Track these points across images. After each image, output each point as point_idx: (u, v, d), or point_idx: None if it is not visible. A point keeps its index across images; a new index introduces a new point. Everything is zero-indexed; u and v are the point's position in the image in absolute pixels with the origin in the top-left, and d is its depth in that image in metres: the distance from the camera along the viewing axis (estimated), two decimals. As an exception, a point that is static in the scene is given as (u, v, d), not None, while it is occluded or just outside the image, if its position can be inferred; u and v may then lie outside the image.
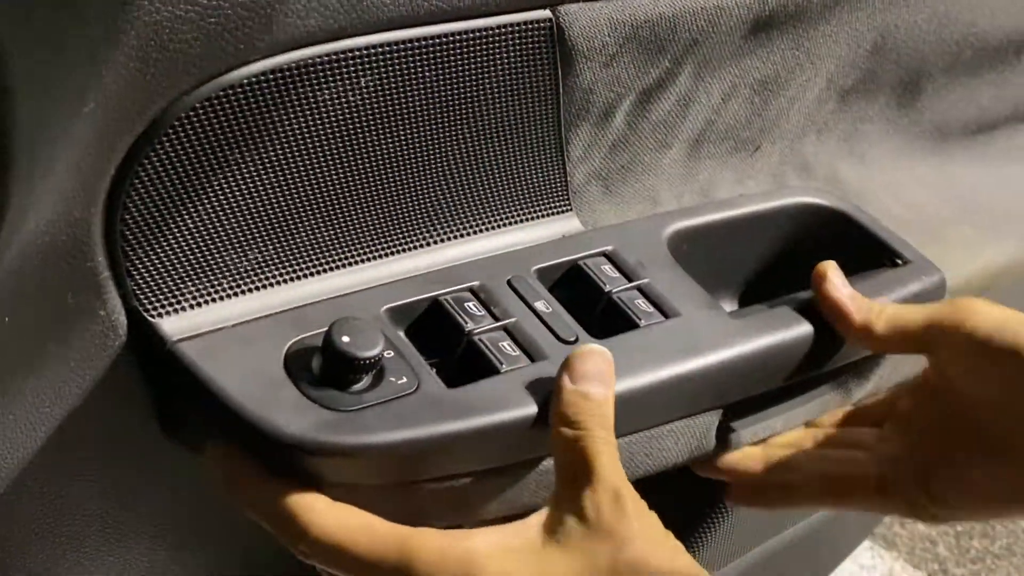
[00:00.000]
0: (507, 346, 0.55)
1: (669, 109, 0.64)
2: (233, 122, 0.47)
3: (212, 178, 0.49)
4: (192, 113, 0.46)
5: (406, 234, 0.57)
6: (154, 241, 0.49)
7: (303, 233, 0.53)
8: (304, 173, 0.52)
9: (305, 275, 0.54)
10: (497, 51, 0.54)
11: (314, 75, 0.49)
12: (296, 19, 0.45)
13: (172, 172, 0.47)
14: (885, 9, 0.69)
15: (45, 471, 0.51)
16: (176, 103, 0.45)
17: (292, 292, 0.54)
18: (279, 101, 0.48)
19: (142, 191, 0.47)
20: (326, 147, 0.51)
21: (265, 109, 0.48)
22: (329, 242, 0.54)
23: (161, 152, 0.46)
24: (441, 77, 0.53)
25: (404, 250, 0.57)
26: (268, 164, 0.50)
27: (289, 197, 0.52)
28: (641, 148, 0.65)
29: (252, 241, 0.52)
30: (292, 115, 0.49)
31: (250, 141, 0.49)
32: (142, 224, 0.48)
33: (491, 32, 0.53)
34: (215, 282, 0.51)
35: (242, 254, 0.52)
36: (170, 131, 0.46)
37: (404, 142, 0.54)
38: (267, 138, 0.49)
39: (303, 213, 0.53)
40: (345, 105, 0.51)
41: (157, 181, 0.47)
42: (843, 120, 0.74)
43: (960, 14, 0.74)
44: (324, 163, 0.52)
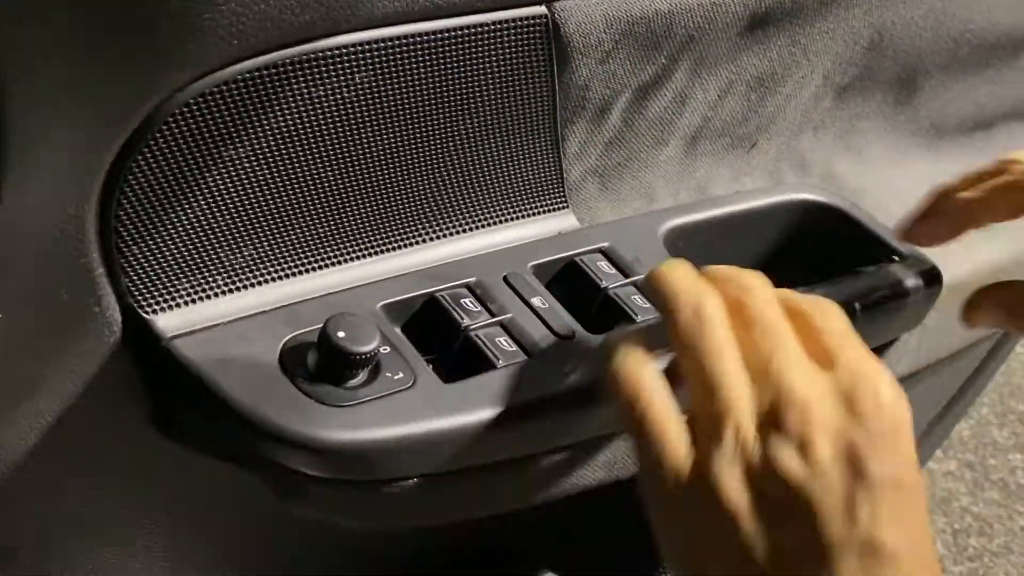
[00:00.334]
0: (503, 342, 0.55)
1: (665, 106, 0.64)
2: (228, 118, 0.47)
3: (207, 174, 0.49)
4: (186, 109, 0.46)
5: (402, 230, 0.57)
6: (149, 237, 0.49)
7: (299, 229, 0.53)
8: (299, 169, 0.52)
9: (301, 271, 0.54)
10: (492, 47, 0.54)
11: (308, 71, 0.49)
12: (291, 15, 0.45)
13: (166, 168, 0.47)
14: (882, 6, 0.69)
15: (40, 468, 0.51)
16: (170, 99, 0.45)
17: (288, 288, 0.54)
18: (274, 97, 0.48)
19: (136, 187, 0.47)
20: (321, 143, 0.51)
21: (260, 105, 0.48)
22: (325, 238, 0.54)
23: (155, 148, 0.46)
24: (436, 73, 0.53)
25: (400, 246, 0.57)
26: (263, 160, 0.50)
27: (284, 193, 0.52)
28: (637, 145, 0.65)
29: (248, 237, 0.52)
30: (287, 111, 0.49)
31: (245, 137, 0.49)
32: (136, 220, 0.48)
33: (486, 28, 0.53)
34: (210, 278, 0.51)
35: (238, 250, 0.52)
36: (164, 127, 0.46)
37: (399, 138, 0.54)
38: (262, 134, 0.49)
39: (299, 209, 0.53)
40: (340, 101, 0.51)
41: (151, 177, 0.47)
42: (840, 117, 0.74)
43: (957, 11, 0.73)
44: (319, 159, 0.52)
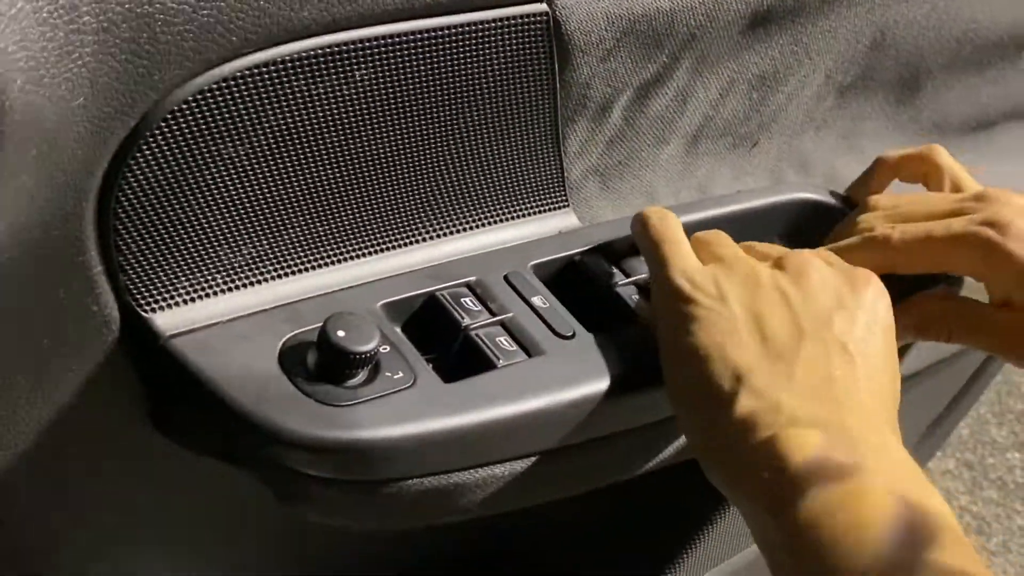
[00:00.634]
0: (504, 341, 0.54)
1: (667, 104, 0.64)
2: (226, 115, 0.47)
3: (205, 172, 0.48)
4: (184, 106, 0.46)
5: (402, 229, 0.57)
6: (147, 235, 0.48)
7: (298, 227, 0.53)
8: (299, 167, 0.51)
9: (300, 270, 0.54)
10: (493, 45, 0.54)
11: (308, 68, 0.48)
12: (290, 11, 0.45)
13: (165, 166, 0.47)
14: (884, 5, 0.69)
15: (38, 467, 0.51)
16: (168, 96, 0.45)
17: (287, 287, 0.53)
18: (273, 94, 0.48)
19: (134, 185, 0.47)
20: (321, 141, 0.51)
21: (259, 102, 0.48)
22: (324, 237, 0.54)
23: (153, 146, 0.46)
24: (436, 71, 0.53)
25: (400, 245, 0.57)
26: (262, 157, 0.50)
27: (283, 191, 0.52)
28: (638, 144, 0.64)
29: (246, 236, 0.51)
30: (286, 108, 0.49)
31: (244, 135, 0.49)
32: (135, 218, 0.48)
33: (487, 25, 0.53)
34: (209, 277, 0.51)
35: (236, 249, 0.51)
36: (162, 124, 0.46)
37: (399, 136, 0.54)
38: (261, 132, 0.49)
39: (298, 207, 0.52)
40: (340, 99, 0.50)
41: (149, 175, 0.47)
42: (842, 116, 0.74)
43: (960, 10, 0.73)
44: (319, 157, 0.52)
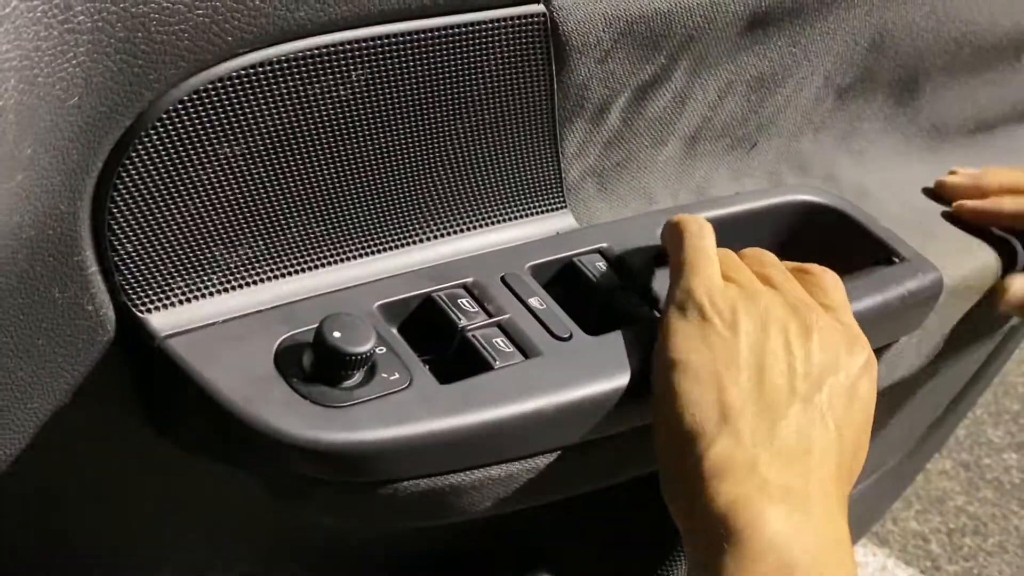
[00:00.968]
0: (501, 342, 0.54)
1: (665, 106, 0.63)
2: (222, 115, 0.47)
3: (201, 172, 0.48)
4: (180, 106, 0.46)
5: (399, 230, 0.57)
6: (142, 235, 0.48)
7: (294, 228, 0.53)
8: (294, 168, 0.51)
9: (296, 271, 0.54)
10: (490, 45, 0.54)
11: (304, 68, 0.48)
12: (285, 11, 0.45)
13: (160, 166, 0.47)
14: (883, 6, 0.69)
15: (33, 466, 0.51)
16: (163, 96, 0.45)
17: (283, 288, 0.53)
18: (268, 94, 0.48)
19: (130, 185, 0.47)
20: (317, 141, 0.51)
21: (254, 102, 0.48)
22: (320, 237, 0.54)
23: (149, 145, 0.46)
24: (433, 72, 0.53)
25: (397, 246, 0.57)
26: (258, 158, 0.50)
27: (279, 192, 0.51)
28: (636, 145, 0.64)
29: (242, 236, 0.51)
30: (281, 109, 0.49)
31: (239, 135, 0.48)
32: (130, 218, 0.47)
33: (484, 26, 0.53)
34: (205, 277, 0.51)
35: (232, 249, 0.51)
36: (157, 124, 0.46)
37: (396, 137, 0.54)
38: (256, 132, 0.49)
39: (294, 208, 0.52)
40: (336, 99, 0.50)
41: (145, 175, 0.47)
42: (840, 118, 0.74)
43: (959, 12, 0.73)
44: (315, 158, 0.52)
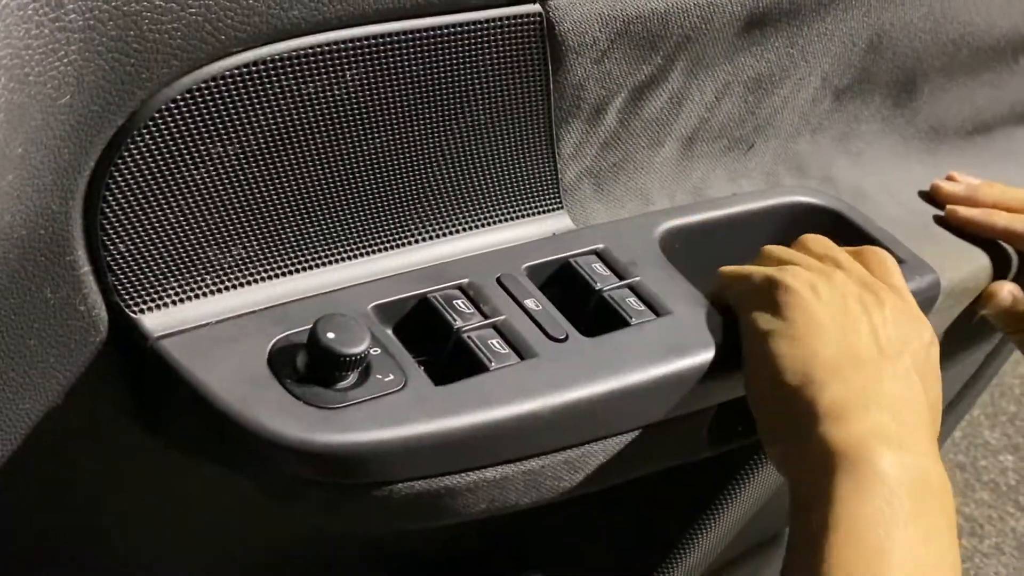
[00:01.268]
0: (496, 344, 0.54)
1: (661, 107, 0.63)
2: (215, 114, 0.47)
3: (193, 171, 0.48)
4: (172, 105, 0.45)
5: (394, 231, 0.56)
6: (135, 235, 0.48)
7: (288, 228, 0.53)
8: (288, 167, 0.51)
9: (290, 271, 0.54)
10: (486, 45, 0.53)
11: (298, 68, 0.48)
12: (279, 10, 0.45)
13: (152, 165, 0.47)
14: (880, 8, 0.69)
15: (25, 467, 0.51)
16: (156, 95, 0.44)
17: (277, 288, 0.53)
18: (262, 94, 0.48)
19: (122, 184, 0.46)
20: (311, 141, 0.51)
21: (247, 102, 0.48)
22: (315, 238, 0.54)
23: (141, 144, 0.46)
24: (429, 71, 0.52)
25: (392, 247, 0.57)
26: (251, 158, 0.49)
27: (273, 192, 0.51)
28: (633, 146, 0.64)
29: (236, 236, 0.51)
30: (275, 108, 0.49)
31: (232, 134, 0.48)
32: (122, 218, 0.47)
33: (480, 26, 0.53)
34: (198, 277, 0.51)
35: (226, 249, 0.51)
36: (150, 123, 0.45)
37: (390, 137, 0.53)
38: (249, 131, 0.49)
39: (288, 208, 0.52)
40: (330, 99, 0.50)
41: (137, 174, 0.46)
42: (838, 119, 0.74)
43: (957, 14, 0.73)
44: (309, 158, 0.51)
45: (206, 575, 0.67)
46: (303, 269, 0.54)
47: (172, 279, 0.50)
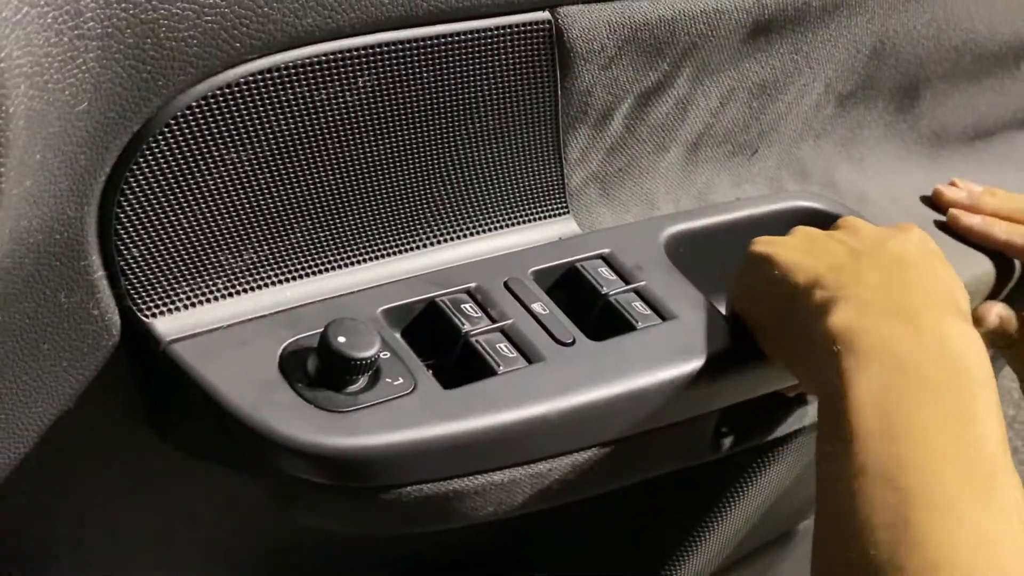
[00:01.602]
0: (504, 348, 0.54)
1: (667, 112, 0.64)
2: (229, 121, 0.47)
3: (207, 177, 0.48)
4: (188, 111, 0.46)
5: (403, 235, 0.57)
6: (148, 240, 0.48)
7: (299, 233, 0.53)
8: (300, 173, 0.51)
9: (301, 275, 0.54)
10: (496, 52, 0.54)
11: (311, 74, 0.48)
12: (293, 18, 0.45)
13: (167, 171, 0.47)
14: (884, 14, 0.69)
15: (38, 471, 0.51)
16: (172, 101, 0.45)
17: (288, 293, 0.53)
18: (275, 100, 0.48)
19: (137, 190, 0.47)
20: (322, 147, 0.51)
21: (261, 108, 0.48)
22: (325, 242, 0.54)
23: (156, 151, 0.46)
24: (439, 78, 0.53)
25: (400, 251, 0.57)
26: (264, 163, 0.50)
27: (285, 197, 0.51)
28: (639, 151, 0.64)
29: (248, 241, 0.51)
30: (288, 114, 0.49)
31: (246, 140, 0.49)
32: (136, 223, 0.47)
33: (490, 33, 0.53)
34: (210, 282, 0.51)
35: (237, 254, 0.51)
36: (165, 130, 0.46)
37: (401, 143, 0.54)
38: (263, 137, 0.49)
39: (299, 213, 0.52)
40: (342, 105, 0.50)
41: (152, 180, 0.47)
42: (841, 125, 0.74)
43: (959, 20, 0.73)
44: (320, 163, 0.52)
45: (213, 573, 0.67)
46: (313, 273, 0.54)
47: (184, 283, 0.50)
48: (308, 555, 0.72)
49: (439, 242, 0.58)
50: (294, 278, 0.54)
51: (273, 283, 0.53)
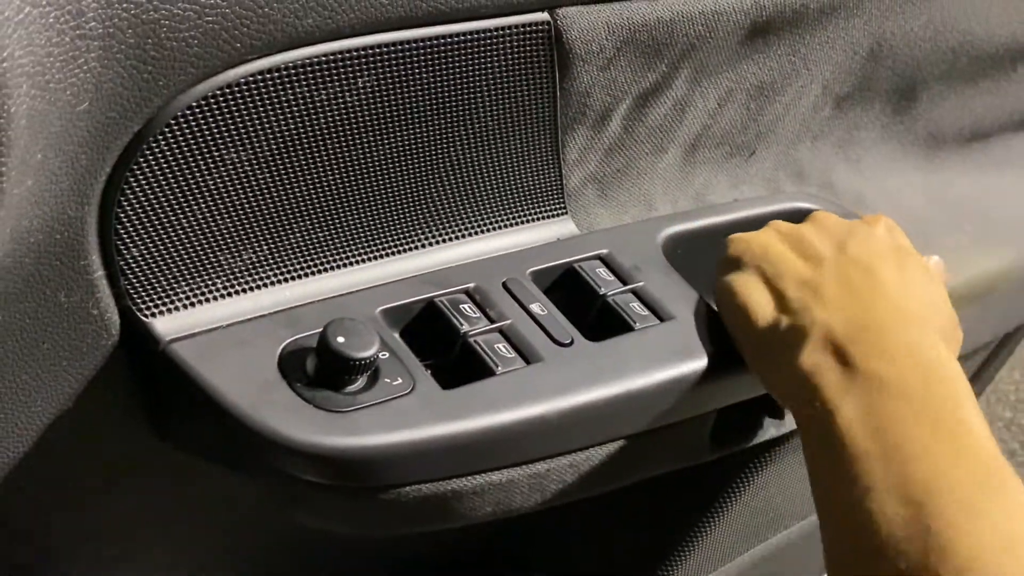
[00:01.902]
0: (502, 348, 0.55)
1: (665, 113, 0.64)
2: (229, 121, 0.47)
3: (207, 177, 0.49)
4: (188, 112, 0.46)
5: (401, 235, 0.57)
6: (148, 240, 0.48)
7: (298, 233, 0.53)
8: (300, 173, 0.51)
9: (300, 275, 0.54)
10: (495, 53, 0.54)
11: (311, 75, 0.48)
12: (294, 18, 0.45)
13: (167, 171, 0.47)
14: (881, 16, 0.69)
15: (38, 470, 0.51)
16: (172, 102, 0.45)
17: (287, 292, 0.53)
18: (275, 100, 0.48)
19: (137, 190, 0.47)
20: (322, 147, 0.51)
21: (261, 108, 0.48)
22: (324, 242, 0.54)
23: (156, 151, 0.46)
24: (438, 78, 0.53)
25: (399, 251, 0.57)
26: (264, 163, 0.50)
27: (284, 197, 0.52)
28: (637, 152, 0.65)
29: (247, 241, 0.52)
30: (288, 115, 0.49)
31: (246, 140, 0.49)
32: (136, 223, 0.48)
33: (489, 34, 0.53)
34: (209, 282, 0.51)
35: (237, 254, 0.52)
36: (166, 130, 0.46)
37: (400, 143, 0.54)
38: (263, 137, 0.49)
39: (298, 213, 0.53)
40: (342, 105, 0.50)
41: (152, 180, 0.47)
42: (838, 126, 0.74)
43: (956, 22, 0.74)
44: (319, 163, 0.52)
45: (213, 573, 0.67)
46: (313, 273, 0.54)
47: (184, 283, 0.51)
48: (307, 555, 0.73)
49: (438, 242, 0.58)
50: (293, 278, 0.54)
51: (272, 283, 0.53)
